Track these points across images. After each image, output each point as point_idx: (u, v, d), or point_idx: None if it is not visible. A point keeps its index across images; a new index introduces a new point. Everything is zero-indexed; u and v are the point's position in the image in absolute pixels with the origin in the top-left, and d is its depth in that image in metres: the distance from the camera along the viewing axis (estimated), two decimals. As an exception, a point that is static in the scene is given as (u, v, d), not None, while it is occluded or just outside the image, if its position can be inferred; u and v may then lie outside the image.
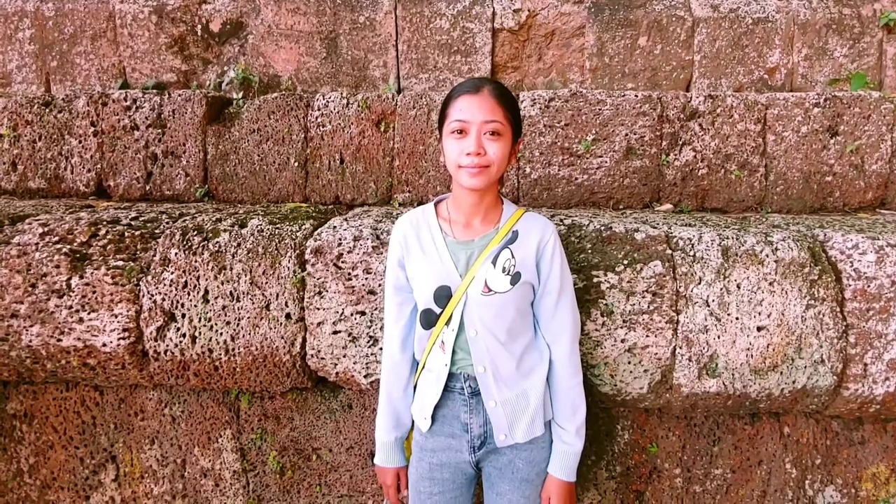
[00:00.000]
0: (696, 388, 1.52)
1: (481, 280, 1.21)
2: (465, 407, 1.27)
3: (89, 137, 2.24)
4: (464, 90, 1.18)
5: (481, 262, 1.21)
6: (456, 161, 1.17)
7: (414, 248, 1.26)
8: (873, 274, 1.50)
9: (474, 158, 1.15)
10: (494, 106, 1.16)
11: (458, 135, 1.17)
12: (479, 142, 1.15)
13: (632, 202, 2.17)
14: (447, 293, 1.22)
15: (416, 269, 1.26)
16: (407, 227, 1.29)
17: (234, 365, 1.58)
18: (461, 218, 1.27)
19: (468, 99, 1.17)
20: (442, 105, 1.23)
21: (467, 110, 1.16)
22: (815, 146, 2.15)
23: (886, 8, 2.43)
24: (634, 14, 2.46)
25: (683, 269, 1.51)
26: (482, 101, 1.16)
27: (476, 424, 1.27)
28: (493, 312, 1.21)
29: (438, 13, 2.47)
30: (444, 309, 1.22)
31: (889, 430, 1.66)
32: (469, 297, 1.21)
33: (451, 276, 1.22)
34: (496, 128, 1.16)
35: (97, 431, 1.74)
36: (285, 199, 2.23)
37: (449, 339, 1.23)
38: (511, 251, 1.22)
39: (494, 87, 1.19)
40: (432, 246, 1.25)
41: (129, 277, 1.57)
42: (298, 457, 1.71)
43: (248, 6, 2.54)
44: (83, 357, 1.59)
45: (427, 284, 1.23)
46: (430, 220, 1.29)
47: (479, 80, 1.21)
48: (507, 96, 1.20)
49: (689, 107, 2.16)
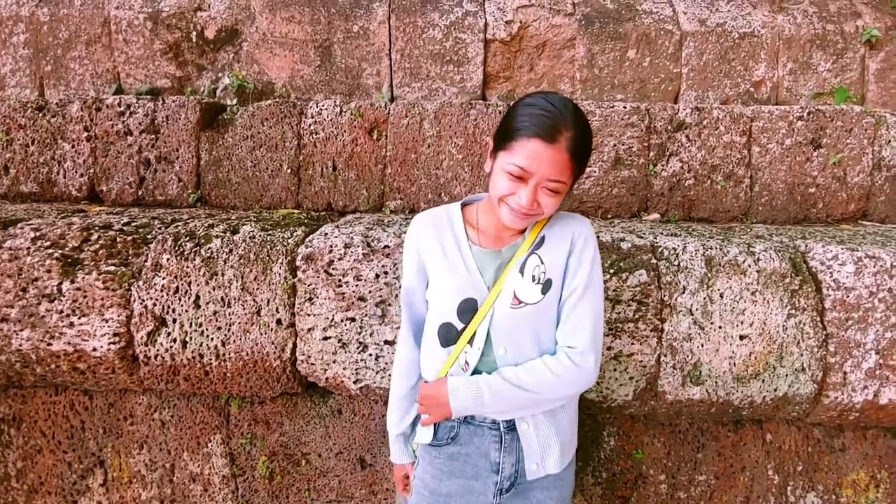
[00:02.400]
0: (680, 395, 1.55)
1: (509, 291, 1.08)
2: (495, 443, 1.13)
3: (82, 142, 2.25)
4: (538, 133, 0.98)
5: (508, 271, 1.09)
6: (502, 197, 1.04)
7: (435, 254, 1.13)
8: (852, 284, 1.53)
9: (524, 209, 1.02)
10: (566, 164, 1.00)
11: (514, 177, 1.01)
12: (534, 197, 1.01)
13: (620, 211, 2.20)
14: (473, 307, 1.09)
15: (437, 279, 1.13)
16: (428, 230, 1.15)
17: (225, 370, 1.59)
18: (491, 230, 1.14)
19: (540, 148, 0.98)
20: (507, 124, 1.04)
21: (535, 161, 0.98)
22: (798, 158, 2.19)
23: (868, 24, 2.49)
24: (624, 27, 2.51)
25: (668, 279, 1.54)
26: (555, 156, 0.98)
27: (509, 463, 1.13)
28: (524, 327, 1.09)
29: (431, 23, 2.50)
30: (467, 325, 1.10)
31: (869, 438, 1.69)
32: (496, 311, 1.08)
33: (479, 288, 1.09)
34: (558, 187, 1.01)
35: (86, 436, 1.74)
36: (278, 205, 2.24)
37: (473, 359, 1.10)
38: (539, 256, 1.10)
39: (575, 136, 0.99)
40: (457, 254, 1.12)
41: (120, 282, 1.58)
42: (288, 462, 1.72)
43: (243, 14, 2.57)
44: (73, 361, 1.59)
45: (451, 297, 1.10)
46: (455, 224, 1.15)
47: (558, 118, 0.98)
48: (584, 150, 1.02)
49: (676, 118, 2.20)
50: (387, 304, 1.55)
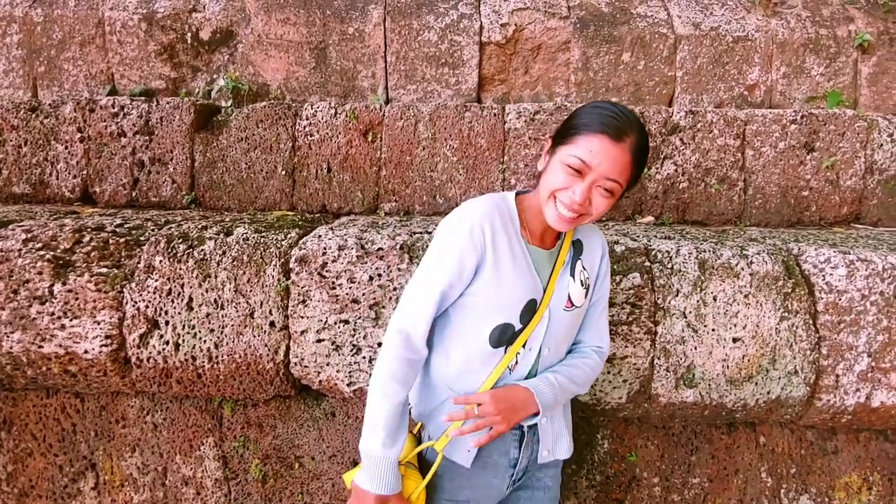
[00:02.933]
0: (673, 397, 1.55)
1: (564, 294, 1.11)
2: (515, 441, 1.15)
3: (76, 143, 2.23)
4: (605, 129, 0.99)
5: (561, 274, 1.11)
6: (554, 191, 1.03)
7: (503, 250, 1.07)
8: (844, 287, 1.54)
9: (576, 206, 1.01)
10: (627, 165, 1.01)
11: (573, 171, 1.01)
12: (589, 194, 1.01)
13: (615, 214, 2.21)
14: (533, 308, 1.08)
15: (504, 276, 1.06)
16: (495, 221, 1.07)
17: (218, 372, 1.59)
18: (537, 229, 1.13)
19: (605, 143, 0.99)
20: (572, 120, 1.05)
21: (597, 156, 0.99)
22: (792, 161, 2.20)
23: (861, 29, 2.51)
24: (618, 30, 2.52)
25: (661, 282, 1.55)
26: (618, 155, 0.99)
27: (525, 457, 1.17)
28: (567, 330, 1.13)
29: (427, 26, 2.51)
30: (525, 326, 1.08)
31: (861, 440, 1.70)
32: (552, 313, 1.10)
33: (538, 289, 1.09)
34: (614, 188, 1.01)
35: (77, 439, 1.73)
36: (272, 207, 2.24)
37: (526, 361, 1.11)
38: (582, 263, 1.15)
39: (638, 138, 1.02)
40: (521, 252, 1.09)
41: (112, 284, 1.57)
42: (281, 465, 1.71)
43: (239, 15, 2.56)
44: (64, 364, 1.58)
45: (518, 297, 1.07)
46: (515, 220, 1.10)
47: (625, 120, 1.01)
48: (643, 154, 1.04)
49: (670, 122, 2.21)
50: (380, 307, 1.54)
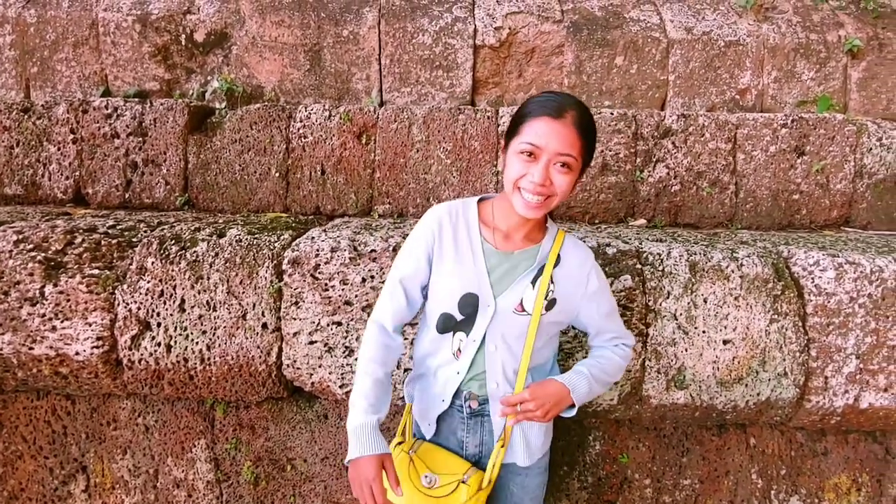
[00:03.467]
0: (664, 399, 1.56)
1: (517, 298, 1.15)
2: (462, 424, 1.24)
3: (68, 144, 2.23)
4: (545, 111, 1.06)
5: (520, 279, 1.16)
6: (516, 181, 1.08)
7: (447, 245, 1.17)
8: (833, 290, 1.56)
9: (538, 187, 1.06)
10: (574, 138, 1.06)
11: (527, 157, 1.07)
12: (547, 173, 1.06)
13: (607, 217, 2.22)
14: (473, 301, 1.15)
15: (446, 270, 1.16)
16: (444, 220, 1.18)
17: (210, 374, 1.58)
18: (504, 229, 1.18)
19: (548, 123, 1.05)
20: (515, 116, 1.11)
21: (544, 136, 1.05)
22: (782, 165, 2.22)
23: (851, 34, 2.54)
24: (611, 34, 2.54)
25: (653, 284, 1.56)
26: (562, 130, 1.05)
27: (472, 444, 1.24)
28: (517, 332, 1.16)
29: (421, 29, 2.52)
30: (465, 317, 1.16)
31: (850, 442, 1.71)
32: (499, 311, 1.15)
33: (482, 285, 1.15)
34: (569, 161, 1.06)
35: (68, 441, 1.72)
36: (266, 208, 2.24)
37: (468, 350, 1.17)
38: (552, 277, 1.17)
39: (578, 113, 1.07)
40: (468, 248, 1.17)
41: (104, 286, 1.57)
42: (273, 467, 1.71)
43: (233, 17, 2.56)
44: (55, 366, 1.58)
45: (454, 288, 1.15)
46: (471, 220, 1.19)
47: (563, 100, 1.07)
48: (590, 126, 1.09)
49: (662, 125, 2.22)
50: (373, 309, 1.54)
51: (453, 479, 1.17)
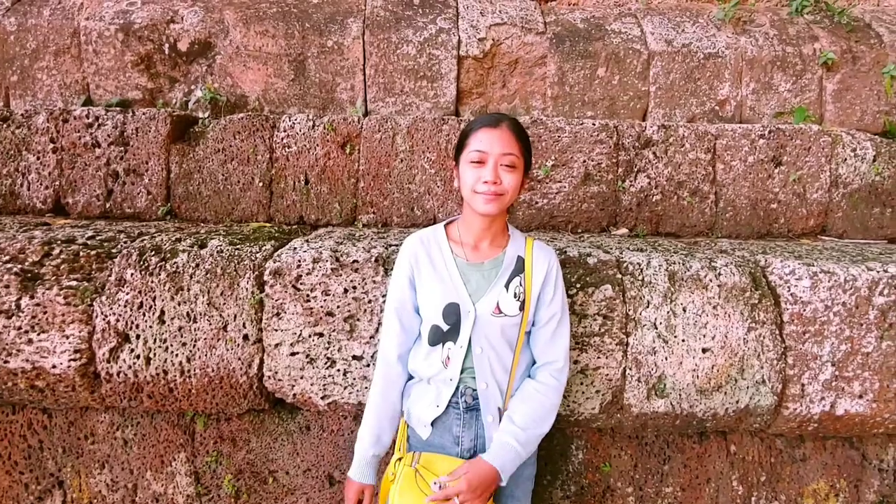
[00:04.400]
0: (645, 408, 1.57)
1: (493, 301, 1.27)
2: (458, 420, 1.30)
3: (48, 154, 2.21)
4: (484, 124, 1.26)
5: (493, 284, 1.28)
6: (472, 187, 1.24)
7: (425, 267, 1.31)
8: (808, 298, 1.58)
9: (490, 186, 1.22)
10: (512, 140, 1.25)
11: (477, 164, 1.24)
12: (496, 172, 1.23)
13: (590, 226, 2.24)
14: (456, 311, 1.27)
15: (427, 287, 1.30)
16: (417, 247, 1.34)
17: (190, 387, 1.57)
18: (471, 240, 1.33)
19: (488, 132, 1.24)
20: (461, 136, 1.30)
21: (486, 142, 1.24)
22: (761, 175, 2.26)
23: (825, 48, 2.60)
24: (593, 46, 2.58)
25: (633, 293, 1.57)
26: (501, 135, 1.24)
27: (467, 438, 1.30)
28: (499, 333, 1.27)
29: (405, 40, 2.53)
30: (451, 326, 1.28)
31: (828, 448, 1.74)
32: (479, 316, 1.27)
33: (461, 294, 1.28)
34: (512, 160, 1.24)
35: (44, 456, 1.69)
36: (249, 218, 2.23)
37: (457, 356, 1.28)
38: (520, 279, 1.30)
39: (512, 122, 1.28)
40: (443, 265, 1.31)
41: (82, 298, 1.55)
42: (254, 480, 1.69)
43: (217, 27, 2.56)
44: (31, 379, 1.55)
45: (437, 301, 1.28)
46: (440, 240, 1.34)
47: (498, 115, 1.30)
48: (522, 133, 1.29)
49: (643, 136, 2.25)
50: (355, 319, 1.54)
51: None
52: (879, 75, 2.59)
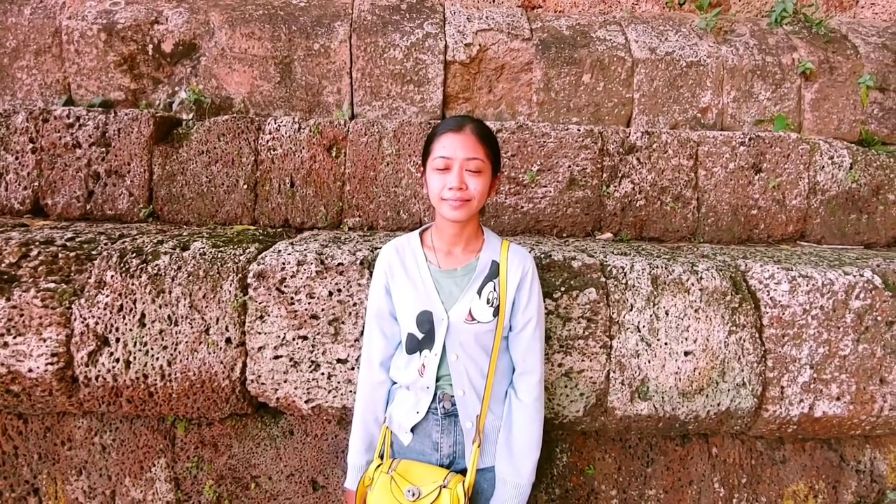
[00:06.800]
0: (629, 410, 1.58)
1: (465, 309, 1.25)
2: (437, 426, 1.29)
3: (27, 154, 2.17)
4: (447, 128, 1.23)
5: (465, 291, 1.27)
6: (439, 194, 1.22)
7: (399, 275, 1.30)
8: (787, 302, 1.61)
9: (456, 192, 1.20)
10: (476, 144, 1.22)
11: (442, 171, 1.22)
12: (461, 177, 1.20)
13: (575, 231, 2.26)
14: (429, 318, 1.26)
15: (401, 295, 1.29)
16: (392, 255, 1.33)
17: (171, 391, 1.54)
18: (444, 247, 1.31)
19: (451, 137, 1.22)
20: (426, 141, 1.28)
21: (450, 147, 1.21)
22: (741, 181, 2.30)
23: (804, 58, 2.66)
24: (579, 53, 2.60)
25: (616, 297, 1.59)
26: (465, 139, 1.21)
27: (446, 444, 1.30)
28: (473, 340, 1.26)
29: (392, 44, 2.54)
30: (425, 334, 1.26)
31: (807, 450, 1.77)
32: (452, 323, 1.25)
33: (434, 302, 1.26)
34: (477, 165, 1.21)
35: (19, 462, 1.65)
36: (233, 221, 2.21)
37: (431, 364, 1.26)
38: (494, 285, 1.28)
39: (476, 125, 1.24)
40: (417, 273, 1.29)
41: (60, 300, 1.52)
42: (236, 485, 1.67)
43: (202, 28, 2.54)
44: (6, 383, 1.51)
45: (410, 309, 1.27)
46: (415, 248, 1.33)
47: (461, 118, 1.26)
48: (487, 135, 1.25)
49: (627, 142, 2.28)
50: (340, 322, 1.54)
51: (435, 487, 1.22)
52: (856, 85, 2.66)
